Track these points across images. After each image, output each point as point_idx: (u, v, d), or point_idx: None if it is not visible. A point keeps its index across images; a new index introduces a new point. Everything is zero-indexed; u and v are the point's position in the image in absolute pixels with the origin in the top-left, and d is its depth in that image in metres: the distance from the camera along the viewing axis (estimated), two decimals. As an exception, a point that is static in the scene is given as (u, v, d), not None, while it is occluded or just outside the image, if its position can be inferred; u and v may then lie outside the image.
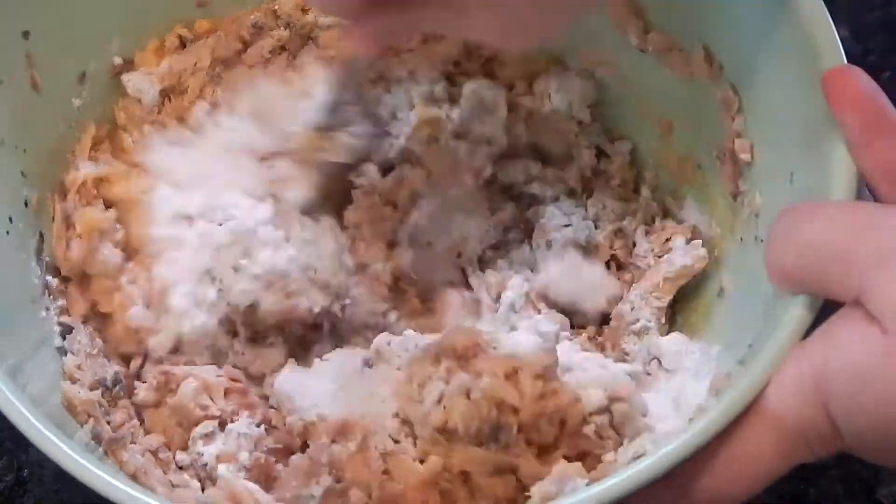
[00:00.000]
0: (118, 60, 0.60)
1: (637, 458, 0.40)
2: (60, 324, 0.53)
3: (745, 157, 0.52)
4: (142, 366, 0.55)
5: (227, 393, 0.53)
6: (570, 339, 0.55)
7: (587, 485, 0.41)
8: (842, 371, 0.37)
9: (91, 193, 0.56)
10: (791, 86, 0.48)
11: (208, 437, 0.51)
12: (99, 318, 0.55)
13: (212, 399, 0.52)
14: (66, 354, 0.52)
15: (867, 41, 0.71)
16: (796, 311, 0.40)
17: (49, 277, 0.54)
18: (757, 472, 0.40)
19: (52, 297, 0.53)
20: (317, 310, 0.54)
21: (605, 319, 0.58)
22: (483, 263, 0.59)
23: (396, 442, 0.47)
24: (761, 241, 0.51)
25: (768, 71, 0.49)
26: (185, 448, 0.51)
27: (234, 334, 0.55)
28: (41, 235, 0.54)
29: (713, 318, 0.55)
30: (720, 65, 0.53)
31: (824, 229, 0.39)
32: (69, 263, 0.54)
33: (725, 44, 0.53)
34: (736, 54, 0.52)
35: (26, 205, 0.53)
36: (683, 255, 0.56)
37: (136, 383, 0.54)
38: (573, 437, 0.46)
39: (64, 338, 0.52)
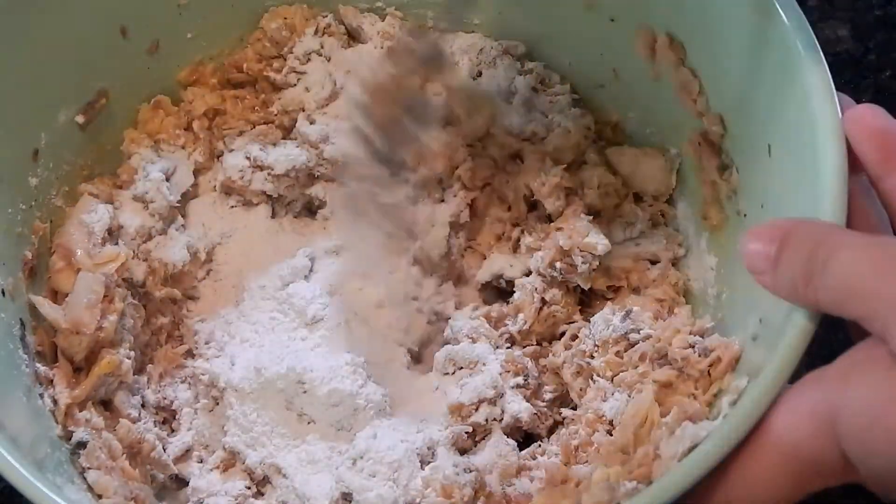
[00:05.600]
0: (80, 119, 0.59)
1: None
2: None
3: (716, 129, 0.53)
4: None
5: None
6: None
7: (637, 485, 0.41)
8: (856, 412, 0.37)
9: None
10: (755, 56, 0.49)
11: None
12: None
13: None
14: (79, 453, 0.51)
15: (867, 40, 0.72)
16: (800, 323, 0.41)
17: (38, 365, 0.52)
18: (771, 497, 0.40)
19: (43, 385, 0.52)
20: None
21: None
22: None
23: None
24: (744, 215, 0.52)
25: (731, 43, 0.50)
26: None
27: None
28: (22, 322, 0.52)
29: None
30: (682, 46, 0.54)
31: (849, 266, 0.38)
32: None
33: (687, 25, 0.53)
34: (697, 33, 0.53)
35: (3, 294, 0.52)
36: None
37: None
38: None
39: (77, 454, 0.51)
